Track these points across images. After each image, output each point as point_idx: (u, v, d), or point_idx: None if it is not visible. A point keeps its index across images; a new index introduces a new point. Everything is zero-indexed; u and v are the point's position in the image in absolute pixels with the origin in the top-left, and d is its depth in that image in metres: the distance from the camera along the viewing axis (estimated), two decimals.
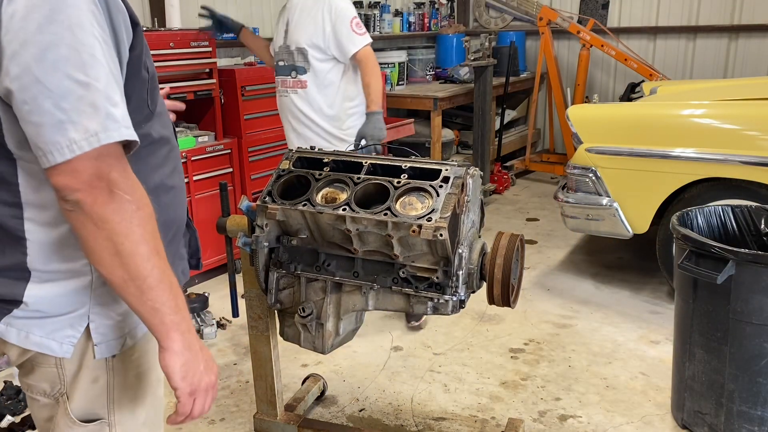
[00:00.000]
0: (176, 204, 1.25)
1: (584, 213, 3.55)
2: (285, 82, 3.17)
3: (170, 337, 1.05)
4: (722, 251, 2.12)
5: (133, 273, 1.00)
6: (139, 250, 0.99)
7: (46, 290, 1.08)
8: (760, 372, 2.18)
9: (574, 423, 2.55)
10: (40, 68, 0.92)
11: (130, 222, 0.98)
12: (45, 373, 1.14)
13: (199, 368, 1.10)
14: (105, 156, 0.96)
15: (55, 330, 1.09)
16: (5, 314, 1.08)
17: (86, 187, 0.95)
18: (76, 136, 0.93)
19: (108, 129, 0.95)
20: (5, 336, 1.09)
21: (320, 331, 1.96)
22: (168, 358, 1.06)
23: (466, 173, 1.79)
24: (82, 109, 0.93)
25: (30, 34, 0.92)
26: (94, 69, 0.95)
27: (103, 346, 1.13)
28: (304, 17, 3.05)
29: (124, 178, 0.98)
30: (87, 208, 0.96)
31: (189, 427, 2.54)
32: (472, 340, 3.19)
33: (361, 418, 2.62)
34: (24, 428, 2.53)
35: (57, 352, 1.10)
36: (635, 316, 3.40)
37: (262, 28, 4.88)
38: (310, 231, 1.87)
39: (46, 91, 0.92)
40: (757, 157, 3.05)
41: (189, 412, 1.11)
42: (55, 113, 0.92)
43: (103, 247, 0.98)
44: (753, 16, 5.60)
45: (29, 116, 0.93)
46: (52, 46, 0.92)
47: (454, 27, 6.59)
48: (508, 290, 1.84)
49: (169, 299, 1.04)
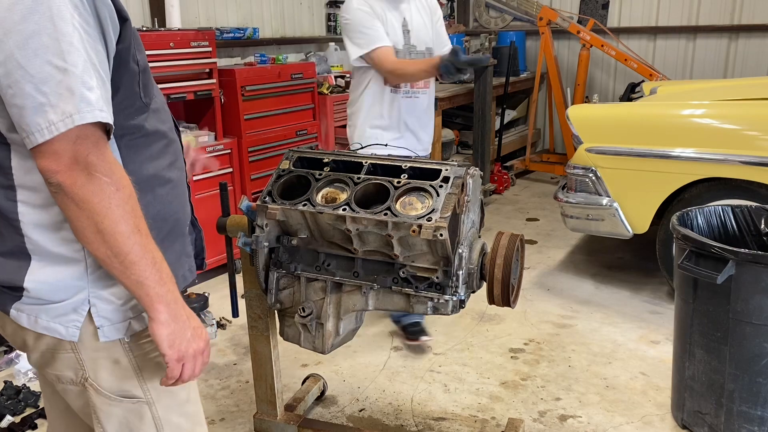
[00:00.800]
0: (174, 197, 1.27)
1: (584, 213, 3.55)
2: (416, 82, 3.01)
3: (155, 308, 1.12)
4: (722, 251, 2.12)
5: (115, 249, 1.06)
6: (118, 228, 1.05)
7: (46, 275, 1.13)
8: (760, 372, 2.18)
9: (574, 423, 2.55)
10: (23, 55, 0.98)
11: (108, 202, 1.04)
12: (64, 360, 1.20)
13: (186, 336, 1.16)
14: (82, 139, 1.01)
15: (59, 315, 1.15)
16: (15, 300, 1.15)
17: (66, 169, 1.01)
18: (54, 117, 0.99)
19: (81, 111, 1.00)
20: (18, 320, 1.16)
21: (320, 331, 1.96)
22: (155, 327, 1.13)
23: (466, 173, 1.79)
24: (60, 92, 0.99)
25: (14, 23, 0.98)
26: (72, 56, 1.00)
27: (105, 329, 1.17)
28: (417, 16, 2.99)
29: (101, 161, 1.04)
30: (68, 189, 1.02)
31: None
32: (472, 340, 3.19)
33: (361, 418, 2.62)
34: (24, 428, 2.53)
35: (64, 336, 1.16)
36: (635, 316, 3.40)
37: (262, 28, 4.89)
38: (310, 231, 1.87)
39: (27, 76, 0.98)
40: (757, 157, 3.05)
41: (178, 375, 1.18)
42: (36, 96, 0.99)
43: (85, 225, 1.04)
44: (753, 16, 5.61)
45: (13, 99, 1.00)
46: (35, 34, 0.98)
47: (454, 27, 6.59)
48: (508, 290, 1.84)
49: (152, 273, 1.09)
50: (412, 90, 3.00)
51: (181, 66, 3.66)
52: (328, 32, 5.53)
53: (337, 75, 4.98)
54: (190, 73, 3.77)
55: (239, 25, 4.69)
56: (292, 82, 4.38)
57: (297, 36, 5.24)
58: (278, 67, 4.33)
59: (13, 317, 1.16)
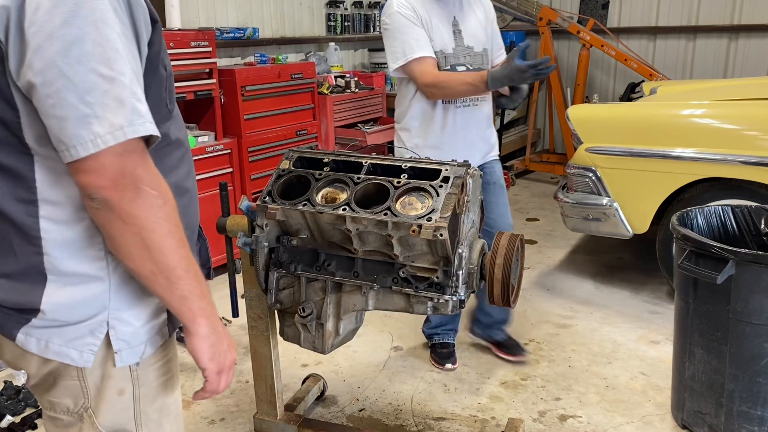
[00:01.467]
0: (191, 208, 1.24)
1: (584, 213, 3.55)
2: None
3: (197, 322, 1.09)
4: (722, 251, 2.12)
5: (162, 265, 1.01)
6: (167, 243, 1.01)
7: (64, 295, 1.05)
8: (760, 372, 2.18)
9: (574, 423, 2.55)
10: (65, 62, 0.92)
11: (157, 216, 0.99)
12: (67, 387, 1.12)
13: (223, 347, 1.15)
14: (129, 152, 0.96)
15: (74, 338, 1.07)
16: (24, 324, 1.06)
17: (112, 184, 0.95)
18: (100, 130, 0.93)
19: (133, 123, 0.95)
20: (25, 345, 1.07)
21: (320, 331, 1.96)
22: (196, 341, 1.10)
23: (466, 173, 1.79)
24: (106, 103, 0.93)
25: (55, 27, 0.92)
26: (119, 63, 0.95)
27: (123, 353, 1.10)
28: (469, 12, 2.66)
29: (149, 174, 0.99)
30: (114, 204, 0.96)
31: (189, 426, 2.54)
32: (473, 340, 3.19)
33: (361, 418, 2.62)
34: (24, 428, 2.53)
35: (77, 361, 1.08)
36: (635, 316, 3.40)
37: (262, 28, 4.88)
38: (310, 231, 1.87)
39: (70, 85, 0.92)
40: (757, 157, 3.05)
41: (216, 388, 1.17)
42: (80, 107, 0.92)
43: (131, 242, 0.99)
44: (753, 16, 5.60)
45: (53, 110, 0.93)
46: (78, 40, 0.92)
47: None
48: (508, 290, 1.84)
49: (196, 287, 1.06)
50: (470, 98, 2.62)
51: (181, 66, 3.66)
52: (328, 32, 5.53)
53: (337, 75, 4.99)
54: (190, 73, 3.77)
55: (239, 25, 4.69)
56: (292, 82, 4.38)
57: (297, 36, 5.24)
58: (278, 67, 4.33)
59: (20, 342, 1.07)
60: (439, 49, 2.57)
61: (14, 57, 0.94)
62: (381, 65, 5.57)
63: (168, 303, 1.07)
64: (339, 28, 5.55)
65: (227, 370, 1.17)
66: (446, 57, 2.58)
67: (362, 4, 5.77)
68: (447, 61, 2.57)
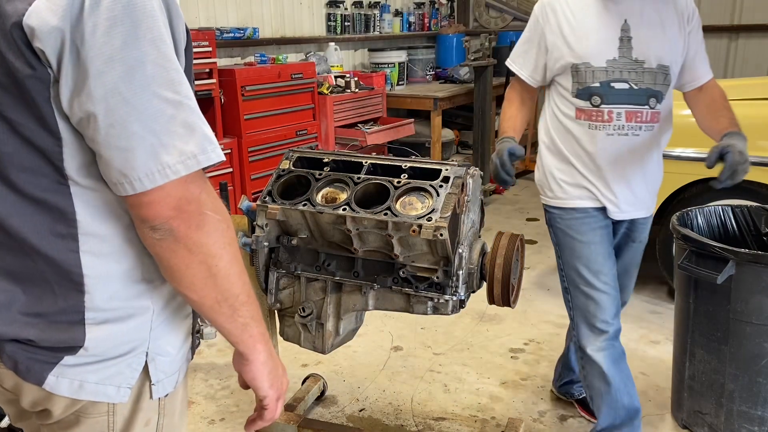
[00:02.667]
0: None
1: None
2: (637, 114, 2.06)
3: (257, 349, 1.05)
4: (722, 251, 2.12)
5: (227, 293, 0.97)
6: (233, 270, 0.96)
7: (107, 331, 0.97)
8: (760, 372, 2.18)
9: (574, 423, 2.55)
10: (129, 88, 0.84)
11: (223, 242, 0.94)
12: (92, 425, 1.02)
13: (279, 373, 1.12)
14: (194, 177, 0.90)
15: (112, 374, 0.99)
16: (56, 363, 0.96)
17: (178, 213, 0.89)
18: (169, 159, 0.86)
19: (206, 151, 0.89)
20: (56, 390, 0.96)
21: (320, 331, 1.96)
22: (256, 369, 1.07)
23: (466, 173, 1.79)
24: (173, 130, 0.87)
25: (116, 50, 0.84)
26: (183, 86, 0.88)
27: (160, 384, 1.04)
28: (650, 16, 2.04)
29: (211, 198, 0.93)
30: (180, 234, 0.90)
31: (190, 426, 2.54)
32: (472, 340, 3.19)
33: (361, 418, 2.62)
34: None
35: (114, 398, 1.00)
36: (635, 316, 3.40)
37: (262, 28, 4.89)
38: (310, 231, 1.87)
39: (135, 113, 0.85)
40: (757, 157, 3.04)
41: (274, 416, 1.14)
42: (146, 136, 0.85)
43: (196, 272, 0.93)
44: (753, 16, 5.61)
45: (116, 141, 0.85)
46: (139, 63, 0.85)
47: (454, 27, 6.59)
48: (508, 290, 1.84)
49: (256, 313, 1.03)
50: (628, 123, 2.05)
51: None
52: (328, 32, 5.53)
53: (337, 75, 4.99)
54: None
55: (239, 25, 4.69)
56: (292, 82, 4.38)
57: (297, 36, 5.24)
58: (278, 67, 4.33)
59: (50, 386, 0.96)
60: (581, 62, 2.02)
61: (68, 84, 0.86)
62: (381, 65, 5.58)
63: (227, 331, 1.01)
64: (339, 28, 5.55)
65: (283, 395, 1.14)
66: (593, 72, 2.02)
67: (362, 4, 5.77)
68: (595, 78, 2.02)
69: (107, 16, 0.83)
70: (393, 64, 5.57)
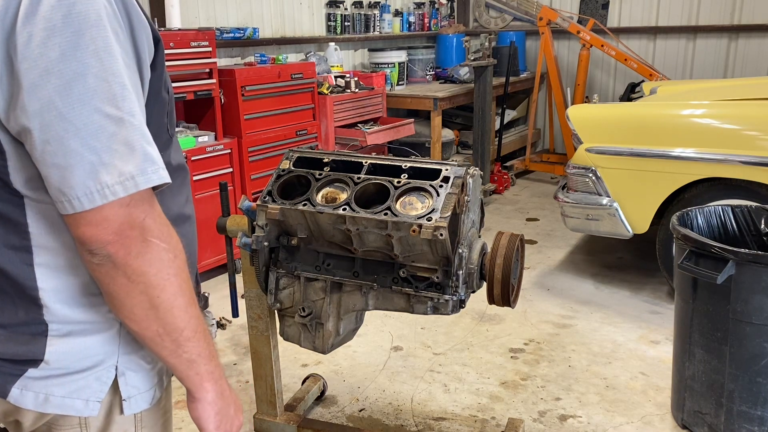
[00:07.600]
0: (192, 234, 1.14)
1: (584, 213, 3.55)
2: None
3: (204, 387, 1.00)
4: (722, 251, 2.12)
5: (170, 326, 0.91)
6: (177, 303, 0.91)
7: (70, 344, 0.94)
8: (760, 372, 2.18)
9: (574, 423, 2.55)
10: (66, 103, 0.79)
11: (167, 273, 0.89)
12: None
13: (230, 413, 1.05)
14: (138, 201, 0.84)
15: (78, 388, 0.96)
16: (19, 376, 0.94)
17: (118, 237, 0.84)
18: (108, 179, 0.81)
19: (146, 172, 0.84)
20: (20, 402, 0.94)
21: (320, 331, 1.96)
22: (201, 409, 1.01)
23: (466, 173, 1.79)
24: (114, 148, 0.82)
25: (52, 62, 0.79)
26: (127, 101, 0.83)
27: (132, 400, 1.01)
28: None
29: (158, 224, 0.88)
30: (120, 261, 0.85)
31: (190, 427, 2.54)
32: (472, 340, 3.19)
33: (361, 418, 2.62)
34: None
35: (82, 412, 0.97)
36: (635, 316, 3.40)
37: (262, 28, 4.88)
38: (310, 231, 1.87)
39: (72, 129, 0.80)
40: (757, 157, 3.05)
41: None
42: (84, 154, 0.80)
43: (136, 302, 0.88)
44: (753, 16, 5.61)
45: (53, 158, 0.80)
46: (78, 76, 0.80)
47: (454, 27, 6.59)
48: (508, 290, 1.84)
49: (204, 349, 0.97)
50: None
51: (181, 66, 3.66)
52: (328, 32, 5.53)
53: (337, 75, 4.98)
54: (190, 73, 3.77)
55: (239, 25, 4.69)
56: (292, 82, 4.38)
57: (297, 36, 5.24)
58: (278, 67, 4.33)
59: (14, 399, 0.94)
60: None
61: (4, 96, 0.82)
62: (381, 65, 5.58)
63: (173, 366, 0.96)
64: (339, 28, 5.55)
65: None
66: None
67: (362, 4, 5.77)
68: None
69: (44, 26, 0.79)
70: (393, 64, 5.58)
